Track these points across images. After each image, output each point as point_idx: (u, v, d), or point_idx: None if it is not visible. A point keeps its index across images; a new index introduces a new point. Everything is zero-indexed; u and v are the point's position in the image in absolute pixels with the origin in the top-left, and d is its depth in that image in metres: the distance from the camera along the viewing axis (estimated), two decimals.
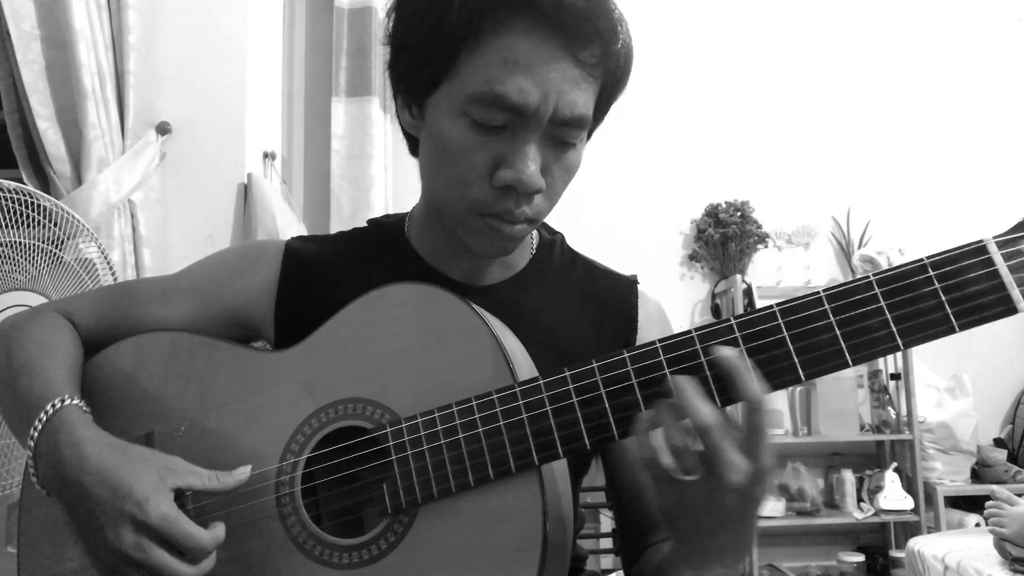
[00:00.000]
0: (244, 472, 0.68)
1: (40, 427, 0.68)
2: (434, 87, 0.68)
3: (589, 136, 0.76)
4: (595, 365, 0.60)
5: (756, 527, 0.61)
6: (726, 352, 0.56)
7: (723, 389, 0.57)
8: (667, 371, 0.58)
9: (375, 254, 0.84)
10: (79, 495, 0.64)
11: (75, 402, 0.70)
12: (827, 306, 0.56)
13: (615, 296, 0.85)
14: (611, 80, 0.70)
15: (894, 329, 0.55)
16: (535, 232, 0.87)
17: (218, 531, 0.65)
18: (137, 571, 0.62)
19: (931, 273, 0.55)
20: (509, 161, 0.66)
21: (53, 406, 0.69)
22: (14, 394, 0.74)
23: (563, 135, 0.68)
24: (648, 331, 0.83)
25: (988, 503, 1.92)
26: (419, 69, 0.68)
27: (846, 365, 0.56)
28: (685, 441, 0.56)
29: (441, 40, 0.65)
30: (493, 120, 0.65)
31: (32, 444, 0.68)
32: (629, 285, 0.86)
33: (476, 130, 0.66)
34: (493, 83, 0.63)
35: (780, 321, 0.57)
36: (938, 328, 0.54)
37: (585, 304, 0.83)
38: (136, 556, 0.61)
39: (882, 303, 0.55)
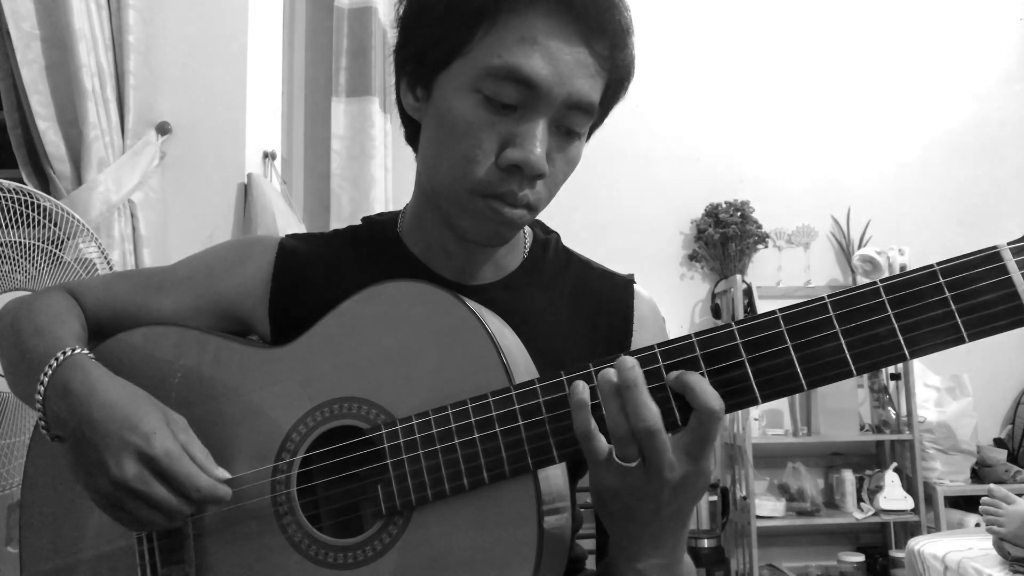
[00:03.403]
0: (222, 475, 0.68)
1: (51, 372, 0.69)
2: (445, 65, 0.68)
3: (588, 136, 0.76)
4: (592, 369, 0.59)
5: (688, 525, 0.62)
6: (672, 375, 0.57)
7: (723, 396, 0.56)
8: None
9: (368, 252, 0.84)
10: (86, 428, 0.66)
11: (85, 352, 0.72)
12: (832, 313, 0.55)
13: (610, 296, 0.84)
14: (616, 78, 0.71)
15: (901, 339, 0.53)
16: (529, 231, 0.87)
17: (220, 483, 0.66)
18: (136, 502, 0.64)
19: (941, 280, 0.53)
20: (517, 141, 0.66)
21: (64, 353, 0.70)
22: (22, 355, 0.75)
23: (571, 122, 0.68)
24: (642, 331, 0.83)
25: (984, 499, 1.92)
26: (431, 47, 0.69)
27: (850, 374, 0.54)
28: (627, 430, 0.56)
29: (459, 16, 0.66)
30: (505, 96, 0.65)
31: (42, 389, 0.69)
32: (625, 285, 0.85)
33: (486, 107, 0.66)
34: (507, 56, 0.64)
35: (783, 328, 0.56)
36: (947, 338, 0.53)
37: (579, 304, 0.82)
38: (137, 487, 0.63)
39: (889, 311, 0.54)
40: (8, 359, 0.79)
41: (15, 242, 1.47)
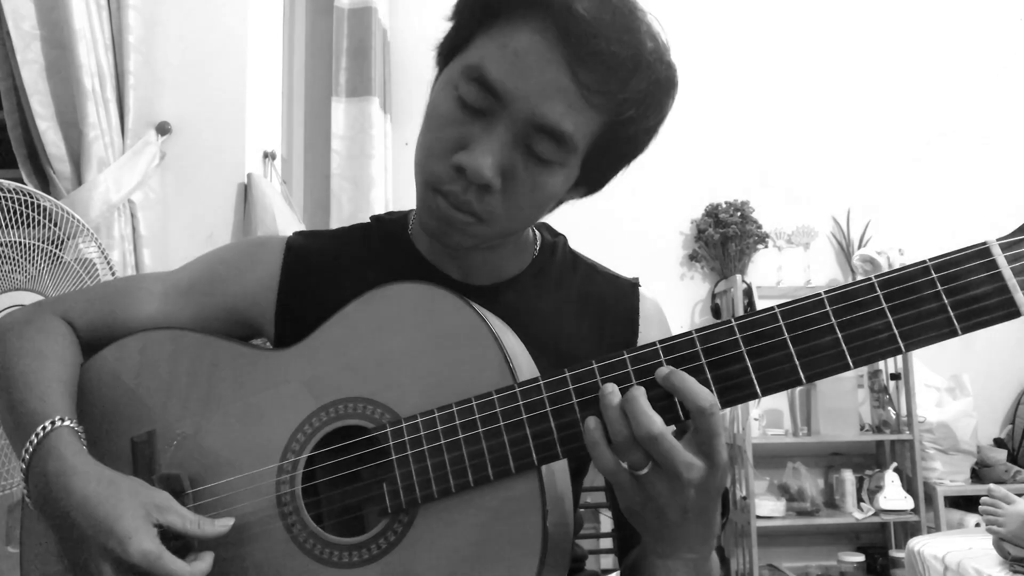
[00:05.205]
0: (227, 524, 0.67)
1: (32, 449, 0.68)
2: (448, 61, 0.70)
3: (595, 185, 0.76)
4: (595, 366, 0.60)
5: (718, 515, 0.62)
6: (662, 371, 0.57)
7: (724, 390, 0.57)
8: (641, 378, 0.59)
9: (377, 252, 0.84)
10: (65, 526, 0.65)
11: (66, 423, 0.70)
12: (829, 308, 0.56)
13: (616, 299, 0.84)
14: (617, 119, 0.66)
15: (896, 332, 0.55)
16: (537, 234, 0.87)
17: (201, 564, 0.64)
18: None
19: (934, 275, 0.55)
20: (471, 145, 0.66)
21: (44, 428, 0.68)
22: (9, 406, 0.74)
23: (538, 146, 0.65)
24: (647, 333, 0.83)
25: (984, 499, 1.92)
26: (446, 40, 0.71)
27: (847, 367, 0.56)
28: (628, 436, 0.56)
29: (465, 16, 0.68)
30: (469, 97, 0.65)
31: (24, 467, 0.68)
32: (631, 288, 0.86)
33: (458, 106, 0.66)
34: (482, 61, 0.65)
35: (781, 323, 0.57)
36: (941, 331, 0.54)
37: (585, 307, 0.83)
38: None
39: (884, 305, 0.55)
40: None
41: (15, 242, 1.47)
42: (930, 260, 0.55)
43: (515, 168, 0.67)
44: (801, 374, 0.56)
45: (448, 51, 0.71)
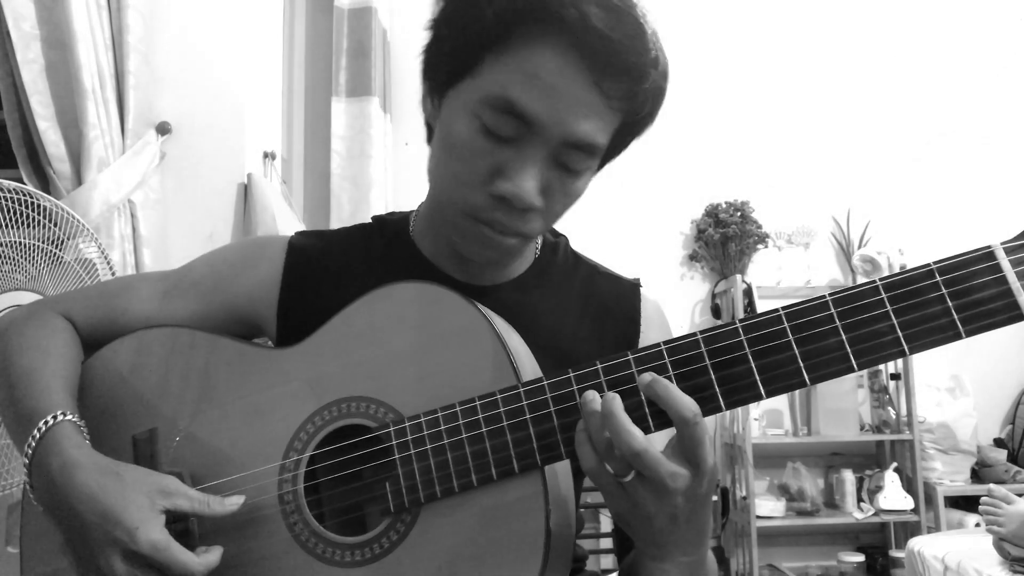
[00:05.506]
0: (236, 501, 0.67)
1: (34, 444, 0.68)
2: (454, 82, 0.68)
3: (602, 167, 0.76)
4: (599, 366, 0.60)
5: (710, 517, 0.62)
6: (645, 379, 0.57)
7: (728, 392, 0.57)
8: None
9: (379, 252, 0.84)
10: (71, 519, 0.64)
11: (68, 417, 0.69)
12: (833, 311, 0.56)
13: (617, 299, 0.84)
14: (633, 118, 0.69)
15: (900, 335, 0.55)
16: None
17: (210, 556, 0.64)
18: None
19: (938, 279, 0.55)
20: (509, 173, 0.66)
21: (46, 423, 0.68)
22: (11, 402, 0.74)
23: (570, 160, 0.67)
24: (648, 334, 0.83)
25: (984, 499, 1.92)
26: (445, 59, 0.69)
27: (851, 370, 0.56)
28: (609, 446, 0.56)
29: (473, 36, 0.65)
30: (502, 129, 0.65)
31: (27, 462, 0.68)
32: (632, 288, 0.86)
33: (484, 135, 0.66)
34: (508, 89, 0.63)
35: (786, 325, 0.57)
36: (945, 334, 0.54)
37: (587, 307, 0.83)
38: None
39: (888, 308, 0.55)
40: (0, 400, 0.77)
41: (15, 242, 1.47)
42: (934, 263, 0.55)
43: (551, 184, 0.68)
44: (805, 376, 0.56)
45: (448, 72, 0.68)
